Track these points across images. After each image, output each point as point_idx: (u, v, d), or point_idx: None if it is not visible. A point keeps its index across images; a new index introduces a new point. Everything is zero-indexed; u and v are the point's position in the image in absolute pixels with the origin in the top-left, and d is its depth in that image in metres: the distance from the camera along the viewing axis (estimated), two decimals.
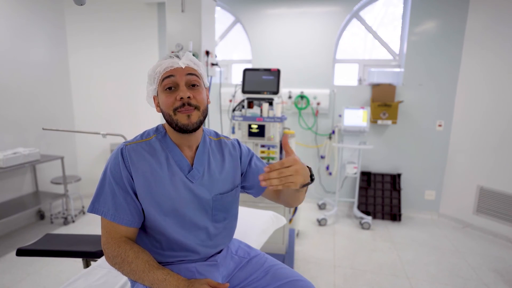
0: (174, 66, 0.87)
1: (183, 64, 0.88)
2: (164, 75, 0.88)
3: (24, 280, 2.02)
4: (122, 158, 0.88)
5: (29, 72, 2.84)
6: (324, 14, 3.27)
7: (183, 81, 0.87)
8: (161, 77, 0.88)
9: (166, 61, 0.89)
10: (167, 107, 0.88)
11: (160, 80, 0.89)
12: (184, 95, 0.86)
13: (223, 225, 1.01)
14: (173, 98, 0.87)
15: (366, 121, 2.96)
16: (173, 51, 2.13)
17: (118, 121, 3.57)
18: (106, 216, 0.86)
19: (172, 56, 0.90)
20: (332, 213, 3.10)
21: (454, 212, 3.13)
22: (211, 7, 2.32)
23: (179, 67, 0.88)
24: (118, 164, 0.87)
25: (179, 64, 0.88)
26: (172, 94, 0.87)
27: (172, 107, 0.87)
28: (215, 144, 1.04)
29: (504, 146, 2.73)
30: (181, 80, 0.87)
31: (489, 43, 2.79)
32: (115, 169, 0.87)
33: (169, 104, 0.87)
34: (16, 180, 2.78)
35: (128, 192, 0.87)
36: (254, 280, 0.95)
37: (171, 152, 0.93)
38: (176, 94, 0.87)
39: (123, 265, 0.83)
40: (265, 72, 2.23)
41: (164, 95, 0.88)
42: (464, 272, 2.21)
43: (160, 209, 0.89)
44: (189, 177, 0.93)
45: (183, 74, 0.88)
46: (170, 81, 0.87)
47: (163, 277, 0.80)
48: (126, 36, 3.51)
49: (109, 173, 0.88)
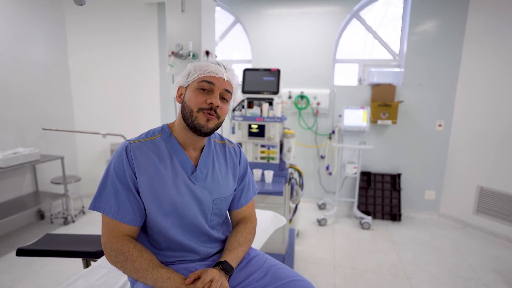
0: (218, 75, 0.90)
1: (226, 77, 0.91)
2: (204, 78, 0.90)
3: (24, 280, 2.02)
4: (127, 155, 0.88)
5: (29, 72, 2.84)
6: (324, 14, 3.27)
7: (218, 91, 0.91)
8: (201, 78, 0.90)
9: (213, 66, 0.91)
10: (194, 104, 0.89)
11: (199, 79, 0.90)
12: (216, 102, 0.89)
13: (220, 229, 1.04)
14: (203, 99, 0.89)
15: (366, 121, 2.96)
16: (173, 51, 2.13)
17: (118, 121, 3.57)
18: (108, 214, 0.86)
19: (220, 65, 0.93)
20: (332, 213, 3.10)
21: (454, 212, 3.13)
22: (211, 7, 2.32)
23: (221, 78, 0.91)
24: (122, 162, 0.87)
25: (223, 75, 0.91)
26: (204, 95, 0.89)
27: (198, 105, 0.89)
28: (220, 147, 1.05)
29: (504, 146, 2.73)
30: (218, 90, 0.91)
31: (489, 43, 2.79)
32: (118, 167, 0.87)
33: (197, 102, 0.89)
34: (16, 180, 2.78)
35: (131, 190, 0.87)
36: (254, 280, 0.95)
37: (175, 152, 0.93)
38: (207, 97, 0.89)
39: (126, 263, 0.82)
40: (265, 72, 2.23)
41: (195, 92, 0.90)
42: (464, 272, 2.21)
43: (161, 209, 0.89)
44: (192, 179, 0.93)
45: (222, 86, 0.91)
46: (208, 86, 0.90)
47: (167, 275, 0.80)
48: (126, 36, 3.51)
49: (112, 170, 0.87)
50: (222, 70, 0.92)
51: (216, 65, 0.92)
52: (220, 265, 0.89)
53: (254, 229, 1.09)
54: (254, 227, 1.09)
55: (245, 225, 1.07)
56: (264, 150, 2.24)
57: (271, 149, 2.23)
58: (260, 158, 2.25)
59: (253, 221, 1.11)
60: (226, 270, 0.88)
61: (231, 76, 0.94)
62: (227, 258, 0.92)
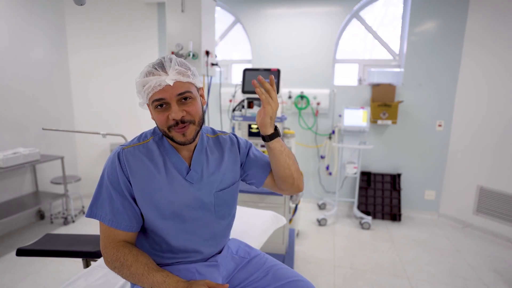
0: (162, 85, 0.80)
1: (171, 81, 0.80)
2: (152, 97, 0.82)
3: (24, 280, 2.02)
4: (119, 162, 0.86)
5: (29, 72, 2.83)
6: (324, 14, 3.27)
7: (174, 100, 0.82)
8: (151, 97, 0.83)
9: (153, 79, 0.80)
10: (161, 125, 0.85)
11: (150, 99, 0.83)
12: (176, 116, 0.82)
13: (227, 221, 1.02)
14: (165, 116, 0.83)
15: (366, 121, 2.96)
16: (173, 51, 2.13)
17: (118, 121, 3.56)
18: (103, 221, 0.86)
19: (158, 70, 0.81)
20: (332, 213, 3.10)
21: (454, 212, 3.13)
22: (211, 7, 2.32)
23: (168, 86, 0.80)
24: (115, 169, 0.86)
25: (167, 81, 0.80)
26: (164, 112, 0.83)
27: (166, 125, 0.84)
28: (213, 141, 1.03)
29: (504, 146, 2.73)
30: (172, 99, 0.82)
31: (489, 43, 2.78)
32: (112, 174, 0.86)
33: (162, 122, 0.84)
34: (16, 180, 2.78)
35: (125, 197, 0.86)
36: (254, 280, 0.95)
37: (168, 155, 0.92)
38: (168, 113, 0.83)
39: (122, 269, 0.83)
40: (265, 72, 2.23)
41: (156, 112, 0.84)
42: (464, 272, 2.21)
43: (159, 213, 0.88)
44: (188, 179, 0.92)
45: (173, 94, 0.81)
46: (160, 102, 0.82)
47: (162, 279, 0.80)
48: (126, 36, 3.50)
49: (106, 178, 0.86)
50: (163, 76, 0.80)
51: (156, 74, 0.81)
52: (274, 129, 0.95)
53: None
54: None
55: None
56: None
57: None
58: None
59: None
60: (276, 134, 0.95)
61: (176, 74, 0.81)
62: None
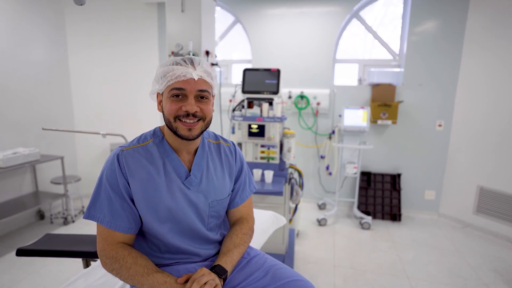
0: (187, 77, 0.83)
1: (196, 76, 0.83)
2: (174, 85, 0.83)
3: (24, 280, 2.02)
4: (119, 164, 0.86)
5: (29, 72, 2.83)
6: (324, 14, 3.27)
7: (192, 95, 0.84)
8: (170, 85, 0.84)
9: (179, 68, 0.83)
10: (169, 113, 0.85)
11: (169, 86, 0.84)
12: (191, 109, 0.83)
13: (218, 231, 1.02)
14: (178, 106, 0.84)
15: (366, 121, 2.96)
16: (173, 51, 2.13)
17: (118, 121, 3.56)
18: (102, 223, 0.85)
19: (187, 63, 0.85)
20: (332, 213, 3.10)
21: (454, 212, 3.13)
22: (211, 7, 2.32)
23: (192, 79, 0.83)
24: (114, 171, 0.85)
25: (193, 75, 0.83)
26: (178, 102, 0.84)
27: (174, 114, 0.84)
28: (214, 147, 1.02)
29: (504, 146, 2.73)
30: (191, 94, 0.84)
31: (489, 43, 2.78)
32: (111, 176, 0.85)
33: (172, 111, 0.84)
34: (16, 180, 2.78)
35: (124, 199, 0.86)
36: (254, 280, 0.95)
37: (168, 157, 0.91)
38: (182, 104, 0.84)
39: (121, 271, 0.82)
40: (265, 72, 2.23)
41: (169, 101, 0.85)
42: (464, 272, 2.21)
43: (157, 216, 0.88)
44: (186, 184, 0.91)
45: (194, 89, 0.84)
46: (179, 92, 0.84)
47: (162, 280, 0.80)
48: (126, 36, 3.51)
49: (105, 179, 0.86)
50: (191, 70, 0.83)
51: (183, 66, 0.84)
52: (213, 269, 0.87)
53: (251, 229, 1.06)
54: (251, 227, 1.07)
55: (241, 226, 1.04)
56: (264, 150, 2.24)
57: (271, 149, 2.23)
58: (260, 158, 2.25)
59: (250, 221, 1.08)
60: (219, 274, 0.86)
61: (202, 72, 0.85)
62: (221, 261, 0.90)
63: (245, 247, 0.99)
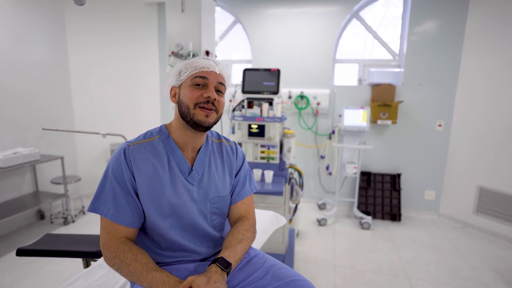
0: (210, 69, 0.91)
1: (217, 70, 0.93)
2: (197, 74, 0.91)
3: (24, 280, 2.02)
4: (125, 158, 0.88)
5: (29, 72, 2.83)
6: (324, 14, 3.27)
7: (213, 84, 0.92)
8: (194, 74, 0.91)
9: (203, 61, 0.92)
10: (190, 100, 0.90)
11: (192, 75, 0.91)
12: (212, 95, 0.90)
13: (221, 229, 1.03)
14: (199, 93, 0.90)
15: (366, 121, 2.96)
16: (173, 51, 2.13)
17: (118, 121, 3.57)
18: (106, 216, 0.86)
19: (210, 59, 0.94)
20: (332, 213, 3.10)
21: (454, 212, 3.13)
22: (211, 7, 2.32)
23: (214, 72, 0.92)
24: (120, 164, 0.87)
25: (215, 69, 0.92)
26: (199, 90, 0.91)
27: (195, 101, 0.89)
28: (217, 146, 1.05)
29: (504, 146, 2.73)
30: (212, 83, 0.92)
31: (489, 43, 2.79)
32: (117, 169, 0.87)
33: (193, 98, 0.89)
34: (16, 180, 2.78)
35: (129, 192, 0.87)
36: (254, 280, 0.95)
37: (172, 153, 0.93)
38: (203, 92, 0.90)
39: (121, 266, 0.83)
40: (265, 72, 2.23)
41: (190, 89, 0.91)
42: (464, 272, 2.21)
43: (160, 211, 0.89)
44: (189, 180, 0.93)
45: (215, 80, 0.92)
46: (202, 81, 0.91)
47: (162, 279, 0.79)
48: (126, 36, 3.51)
49: (110, 172, 0.87)
50: (213, 64, 0.93)
51: (206, 60, 0.93)
52: (216, 262, 0.85)
53: (253, 227, 1.04)
54: (252, 224, 1.05)
55: (241, 223, 1.03)
56: (264, 150, 2.24)
57: (271, 149, 2.23)
58: (260, 158, 2.25)
59: (250, 219, 1.06)
60: (222, 267, 0.83)
61: (222, 69, 0.95)
62: (224, 254, 0.88)
63: (248, 243, 0.98)
